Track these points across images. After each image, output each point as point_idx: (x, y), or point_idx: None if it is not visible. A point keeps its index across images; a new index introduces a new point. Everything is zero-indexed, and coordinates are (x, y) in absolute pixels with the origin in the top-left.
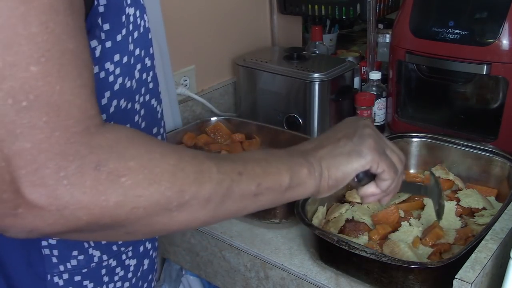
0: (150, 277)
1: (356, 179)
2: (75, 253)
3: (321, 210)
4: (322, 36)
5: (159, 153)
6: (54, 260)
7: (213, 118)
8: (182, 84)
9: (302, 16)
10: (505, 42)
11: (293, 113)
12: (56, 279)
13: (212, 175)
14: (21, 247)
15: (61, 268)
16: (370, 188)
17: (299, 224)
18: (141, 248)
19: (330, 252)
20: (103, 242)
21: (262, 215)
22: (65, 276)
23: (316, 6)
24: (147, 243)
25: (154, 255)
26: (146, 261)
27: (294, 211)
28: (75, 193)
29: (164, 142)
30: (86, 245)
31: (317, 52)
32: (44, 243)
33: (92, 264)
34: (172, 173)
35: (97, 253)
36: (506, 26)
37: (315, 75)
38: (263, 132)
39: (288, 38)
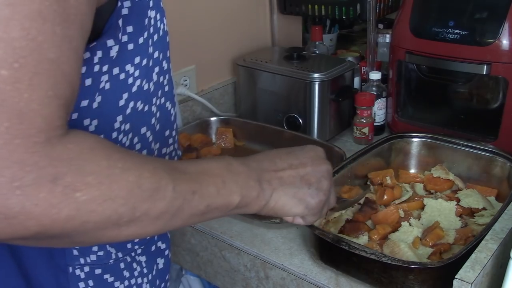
0: (167, 276)
1: None
2: (95, 248)
3: None
4: (322, 36)
5: (119, 168)
6: (75, 253)
7: (213, 118)
8: (182, 84)
9: (302, 16)
10: (505, 42)
11: (293, 113)
12: (77, 271)
13: (167, 193)
14: None
15: (82, 261)
16: (296, 220)
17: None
18: (153, 248)
19: (330, 252)
20: None
21: (263, 215)
22: (86, 269)
23: (316, 6)
24: (159, 242)
25: (169, 254)
26: (160, 260)
27: None
28: (26, 204)
29: (126, 152)
30: None
31: (317, 52)
32: None
33: (110, 260)
34: (129, 190)
35: (113, 250)
36: (506, 26)
37: (315, 75)
38: (263, 132)
39: (288, 38)
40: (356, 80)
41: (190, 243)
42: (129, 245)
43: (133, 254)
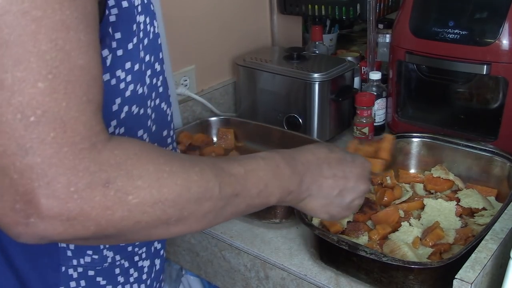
0: (161, 277)
1: None
2: (89, 252)
3: None
4: (322, 36)
5: (167, 172)
6: (69, 253)
7: (213, 118)
8: (182, 84)
9: (302, 16)
10: (505, 42)
11: (293, 113)
12: (70, 271)
13: (213, 196)
14: None
15: (75, 262)
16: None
17: (299, 224)
18: (152, 249)
19: (330, 252)
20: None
21: (262, 215)
22: (80, 269)
23: (316, 6)
24: (156, 243)
25: (164, 254)
26: (157, 261)
27: (294, 211)
28: (84, 207)
29: (172, 156)
30: (101, 246)
31: (317, 52)
32: None
33: (105, 264)
34: (178, 194)
35: (110, 254)
36: (506, 26)
37: (315, 75)
38: (263, 132)
39: (288, 38)
40: (356, 80)
41: (190, 243)
42: (129, 248)
43: (136, 258)
